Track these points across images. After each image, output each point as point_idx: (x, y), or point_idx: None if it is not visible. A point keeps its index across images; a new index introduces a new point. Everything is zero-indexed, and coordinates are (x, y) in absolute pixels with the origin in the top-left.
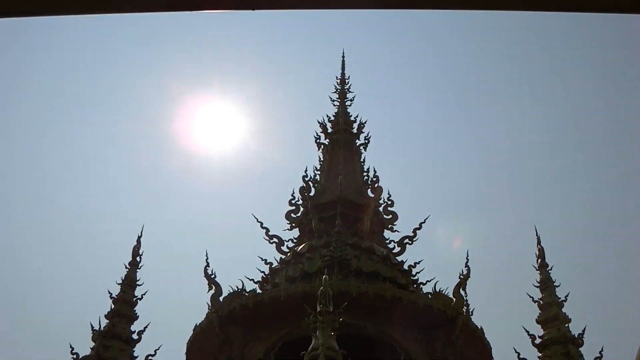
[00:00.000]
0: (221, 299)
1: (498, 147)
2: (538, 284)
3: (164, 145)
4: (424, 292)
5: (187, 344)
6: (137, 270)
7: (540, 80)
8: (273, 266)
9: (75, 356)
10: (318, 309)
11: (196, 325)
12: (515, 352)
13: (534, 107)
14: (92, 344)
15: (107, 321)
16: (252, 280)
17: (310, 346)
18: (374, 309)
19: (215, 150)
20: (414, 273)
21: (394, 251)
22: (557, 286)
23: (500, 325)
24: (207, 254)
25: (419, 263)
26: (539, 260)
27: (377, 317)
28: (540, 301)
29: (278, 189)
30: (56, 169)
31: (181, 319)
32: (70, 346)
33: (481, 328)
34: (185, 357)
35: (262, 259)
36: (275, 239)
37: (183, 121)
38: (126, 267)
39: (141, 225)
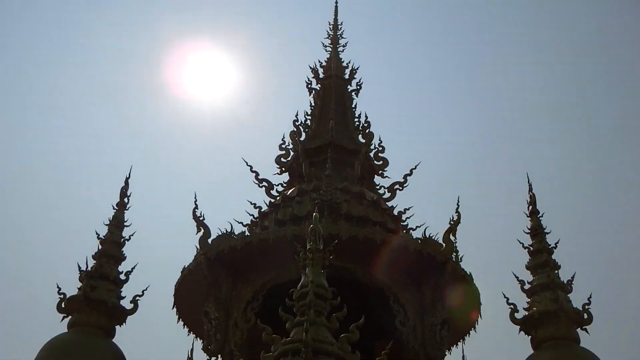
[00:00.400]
0: (210, 241)
1: (491, 94)
2: (529, 231)
3: (154, 93)
4: (414, 237)
5: (175, 285)
6: (125, 211)
7: (538, 27)
8: (262, 210)
9: (62, 296)
10: (307, 247)
11: (184, 267)
12: (504, 297)
13: (532, 54)
14: (79, 284)
15: (95, 262)
16: (241, 223)
17: (300, 283)
18: (364, 253)
19: (206, 98)
20: (403, 219)
21: (384, 197)
22: (548, 233)
23: (490, 271)
24: (195, 196)
25: (409, 209)
26: (530, 207)
27: (366, 262)
28: (531, 247)
29: (269, 136)
30: (44, 115)
31: (169, 261)
32: (57, 286)
33: (470, 274)
34: (173, 299)
35: (252, 203)
36: (264, 183)
37: (173, 69)
38: (114, 208)
39: (129, 166)
